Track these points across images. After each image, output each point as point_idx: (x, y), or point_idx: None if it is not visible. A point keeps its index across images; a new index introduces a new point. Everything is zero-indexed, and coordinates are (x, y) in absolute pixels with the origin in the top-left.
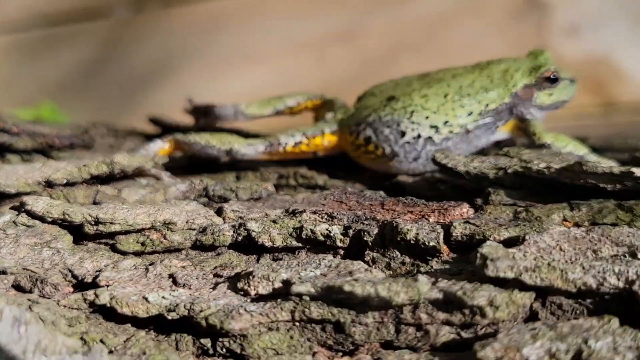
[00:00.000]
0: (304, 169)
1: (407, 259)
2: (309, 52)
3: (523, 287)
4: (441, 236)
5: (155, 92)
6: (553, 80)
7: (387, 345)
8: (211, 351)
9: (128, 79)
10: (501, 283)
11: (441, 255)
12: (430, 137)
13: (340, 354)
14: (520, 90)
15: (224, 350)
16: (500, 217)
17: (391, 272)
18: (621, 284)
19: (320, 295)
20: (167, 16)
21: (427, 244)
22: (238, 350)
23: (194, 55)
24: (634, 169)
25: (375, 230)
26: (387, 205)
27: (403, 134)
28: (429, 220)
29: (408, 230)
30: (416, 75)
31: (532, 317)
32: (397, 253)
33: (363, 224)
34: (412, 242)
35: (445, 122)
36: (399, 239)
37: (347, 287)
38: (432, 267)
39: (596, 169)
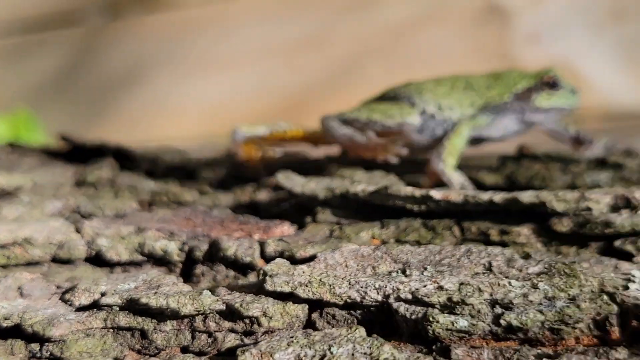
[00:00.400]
0: (176, 188)
1: (231, 273)
2: (279, 57)
3: (298, 299)
4: (257, 252)
5: (128, 98)
6: (552, 85)
7: (185, 349)
8: (38, 354)
9: (102, 85)
10: (285, 296)
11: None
12: (433, 115)
13: (147, 356)
14: (521, 91)
15: (48, 353)
16: (317, 235)
17: (215, 284)
18: (380, 298)
19: (127, 306)
20: (141, 23)
21: (243, 259)
22: (58, 354)
23: (167, 62)
24: (431, 192)
25: (206, 247)
26: (225, 223)
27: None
28: (252, 238)
29: (229, 247)
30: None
31: (310, 325)
32: (223, 267)
33: (198, 240)
34: (232, 258)
35: (449, 107)
36: (221, 255)
37: (143, 300)
38: (249, 280)
39: (399, 192)
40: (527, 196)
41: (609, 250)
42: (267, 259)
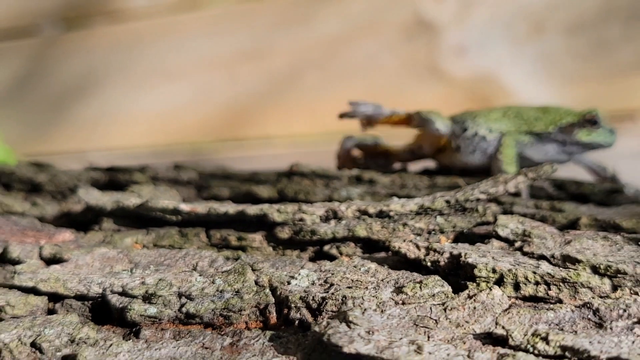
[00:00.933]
0: (9, 199)
1: None
2: (220, 70)
3: (40, 292)
4: (36, 255)
5: (82, 108)
6: (593, 123)
7: None
8: None
9: (56, 94)
10: (31, 289)
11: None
12: (484, 137)
13: None
14: (565, 126)
15: None
16: (91, 240)
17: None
18: (100, 290)
19: None
20: (93, 35)
21: (23, 261)
22: None
23: (118, 73)
24: (181, 205)
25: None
26: (26, 231)
27: (465, 130)
28: (39, 243)
29: (14, 250)
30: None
31: (52, 313)
32: (11, 267)
33: None
34: (17, 259)
35: (499, 129)
36: (9, 257)
37: None
38: None
39: (157, 205)
40: (253, 209)
41: (321, 254)
42: (46, 261)
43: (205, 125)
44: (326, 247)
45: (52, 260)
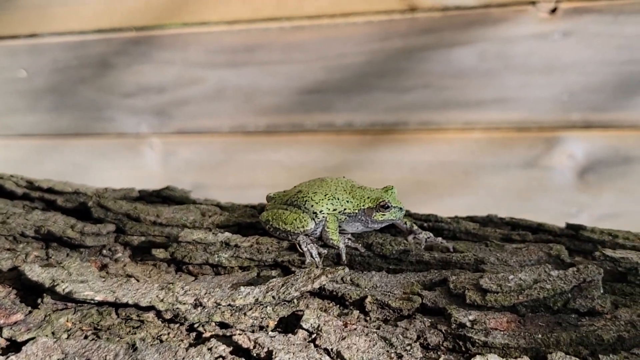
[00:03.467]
0: None
1: None
2: None
3: None
4: None
5: None
6: (385, 208)
7: None
8: None
9: None
10: None
11: None
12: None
13: None
14: (365, 209)
15: None
16: (36, 319)
17: None
18: None
19: None
20: None
21: None
22: None
23: None
24: (96, 298)
25: None
26: None
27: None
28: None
29: None
30: (317, 180)
31: None
32: None
33: None
34: None
35: (321, 211)
36: None
37: None
38: None
39: (79, 295)
40: (145, 301)
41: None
42: (6, 339)
43: (147, 8)
44: (195, 325)
45: (10, 341)
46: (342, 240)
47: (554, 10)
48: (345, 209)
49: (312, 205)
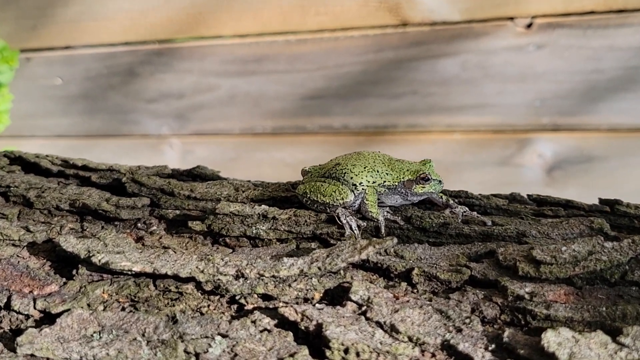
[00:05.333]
0: None
1: None
2: None
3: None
4: (31, 308)
5: (65, 7)
6: (426, 180)
7: None
8: None
9: None
10: None
11: None
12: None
13: None
14: (405, 181)
15: None
16: (71, 291)
17: None
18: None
19: None
20: None
21: (24, 313)
22: None
23: None
24: (134, 268)
25: None
26: (22, 279)
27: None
28: (34, 293)
29: (14, 303)
30: (355, 154)
31: None
32: None
33: None
34: (18, 311)
35: (360, 183)
36: (11, 308)
37: None
38: None
39: (117, 266)
40: (185, 272)
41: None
42: (39, 312)
43: (169, 23)
44: (237, 297)
45: (43, 313)
46: (382, 213)
47: (529, 25)
48: (385, 182)
49: (351, 178)
